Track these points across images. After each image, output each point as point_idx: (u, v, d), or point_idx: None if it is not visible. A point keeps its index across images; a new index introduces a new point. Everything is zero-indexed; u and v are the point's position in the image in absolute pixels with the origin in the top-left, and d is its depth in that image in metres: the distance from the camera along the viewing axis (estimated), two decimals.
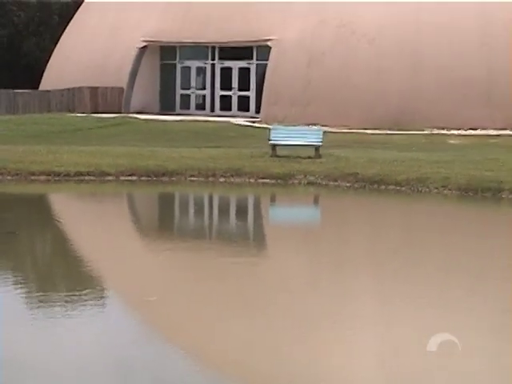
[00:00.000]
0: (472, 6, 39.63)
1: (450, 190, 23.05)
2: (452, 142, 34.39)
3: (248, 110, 44.85)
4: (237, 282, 13.81)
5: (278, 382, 9.39)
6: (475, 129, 37.84)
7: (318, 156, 27.71)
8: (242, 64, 45.37)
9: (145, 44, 46.11)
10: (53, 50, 52.98)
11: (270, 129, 29.98)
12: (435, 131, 37.26)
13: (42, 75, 52.64)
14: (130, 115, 43.19)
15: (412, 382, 9.33)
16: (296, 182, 24.95)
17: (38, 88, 51.74)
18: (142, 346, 10.42)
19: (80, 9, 52.91)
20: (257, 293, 13.14)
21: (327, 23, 41.28)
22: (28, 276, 14.55)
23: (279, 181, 25.02)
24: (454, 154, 29.04)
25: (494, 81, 38.90)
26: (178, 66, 47.41)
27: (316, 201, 24.49)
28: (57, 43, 52.93)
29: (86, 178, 25.19)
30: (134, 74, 46.02)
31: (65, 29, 53.12)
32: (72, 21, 52.64)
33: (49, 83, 49.94)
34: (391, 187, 23.81)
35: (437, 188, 23.28)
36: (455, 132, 36.85)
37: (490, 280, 14.12)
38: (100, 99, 45.62)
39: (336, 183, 24.62)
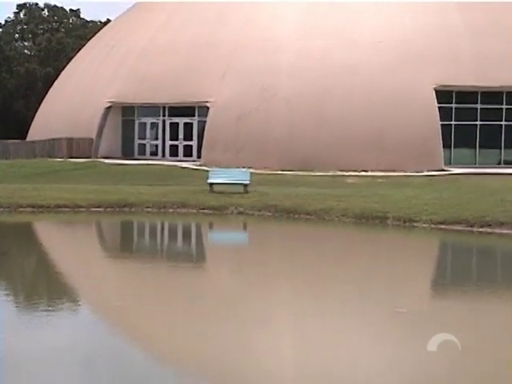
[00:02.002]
0: (362, 73, 40.28)
1: (348, 218, 23.25)
2: (349, 181, 34.68)
3: (191, 156, 44.77)
4: (182, 288, 13.80)
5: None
6: (367, 171, 38.29)
7: (246, 192, 27.78)
8: (187, 120, 45.37)
9: (110, 104, 45.92)
10: (37, 109, 52.57)
11: (208, 171, 30.03)
12: (337, 172, 37.49)
13: (28, 129, 52.18)
14: (98, 160, 42.88)
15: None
16: (229, 212, 24.99)
17: (25, 138, 51.25)
18: (107, 339, 10.39)
19: (59, 77, 52.67)
20: (192, 296, 13.13)
21: (252, 88, 41.53)
22: (16, 286, 14.37)
23: (216, 211, 25.04)
24: (351, 190, 29.31)
25: (379, 133, 39.49)
26: (136, 122, 47.21)
27: (245, 227, 24.53)
28: (40, 103, 52.55)
29: (63, 209, 25.05)
30: (101, 128, 45.77)
31: (47, 92, 52.80)
32: (52, 86, 52.37)
33: (34, 135, 49.60)
34: (303, 216, 23.96)
35: (338, 217, 23.46)
36: (352, 173, 37.13)
37: (375, 283, 14.30)
38: (74, 147, 45.18)
39: (260, 213, 24.71)
